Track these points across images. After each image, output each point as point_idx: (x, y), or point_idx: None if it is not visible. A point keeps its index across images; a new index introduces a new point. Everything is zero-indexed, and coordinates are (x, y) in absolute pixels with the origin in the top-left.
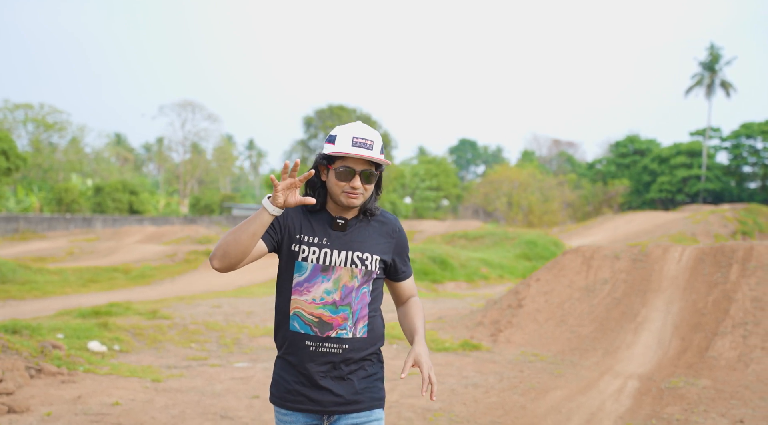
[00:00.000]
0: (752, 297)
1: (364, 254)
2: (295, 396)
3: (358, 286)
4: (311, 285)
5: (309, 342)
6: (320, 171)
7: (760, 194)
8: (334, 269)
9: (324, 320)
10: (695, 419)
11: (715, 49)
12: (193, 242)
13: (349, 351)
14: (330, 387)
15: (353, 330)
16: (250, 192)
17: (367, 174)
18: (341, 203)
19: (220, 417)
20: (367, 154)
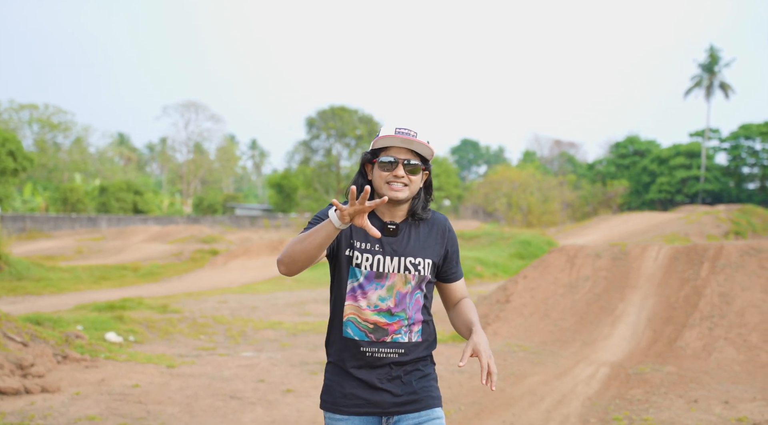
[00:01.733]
0: (720, 292)
1: (416, 260)
2: (351, 399)
3: (412, 292)
4: (365, 292)
5: (364, 347)
6: (366, 171)
7: (758, 194)
8: (387, 276)
9: (379, 326)
10: (655, 399)
11: (714, 51)
12: (198, 241)
13: (405, 355)
14: (388, 388)
15: (408, 335)
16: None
17: (410, 163)
18: (384, 200)
19: (229, 397)
20: (410, 138)
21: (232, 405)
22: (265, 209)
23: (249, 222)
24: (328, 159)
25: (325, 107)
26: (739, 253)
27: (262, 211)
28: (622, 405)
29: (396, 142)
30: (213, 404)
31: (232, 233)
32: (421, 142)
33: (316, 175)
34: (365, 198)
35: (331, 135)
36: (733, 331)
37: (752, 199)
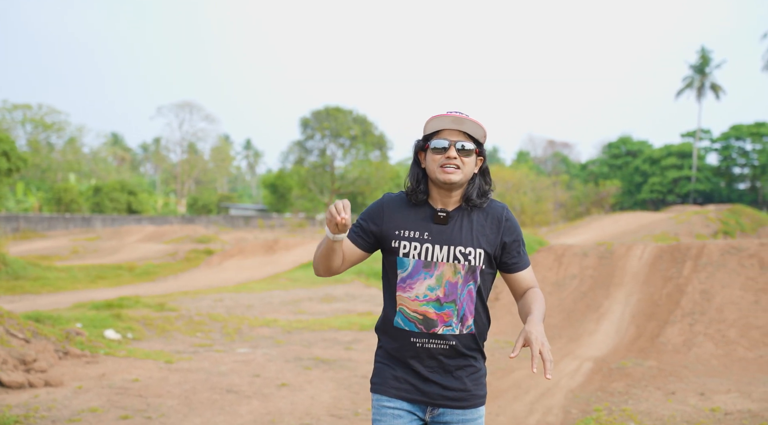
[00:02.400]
0: (701, 290)
1: (466, 249)
2: (402, 383)
3: (463, 282)
4: (414, 282)
5: (414, 338)
6: (419, 159)
7: (748, 194)
8: (436, 265)
9: (429, 317)
10: (634, 392)
11: (705, 53)
12: (193, 241)
13: (456, 348)
14: (439, 380)
15: (460, 327)
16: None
17: (463, 146)
18: (439, 180)
19: (226, 391)
20: (461, 116)
21: (229, 398)
22: (259, 209)
23: (243, 222)
24: (323, 159)
25: (320, 108)
26: (720, 252)
27: (257, 211)
28: (603, 397)
29: (447, 123)
30: (211, 397)
31: (226, 233)
32: (473, 121)
33: (310, 175)
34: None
35: (326, 135)
36: (712, 327)
37: (742, 199)
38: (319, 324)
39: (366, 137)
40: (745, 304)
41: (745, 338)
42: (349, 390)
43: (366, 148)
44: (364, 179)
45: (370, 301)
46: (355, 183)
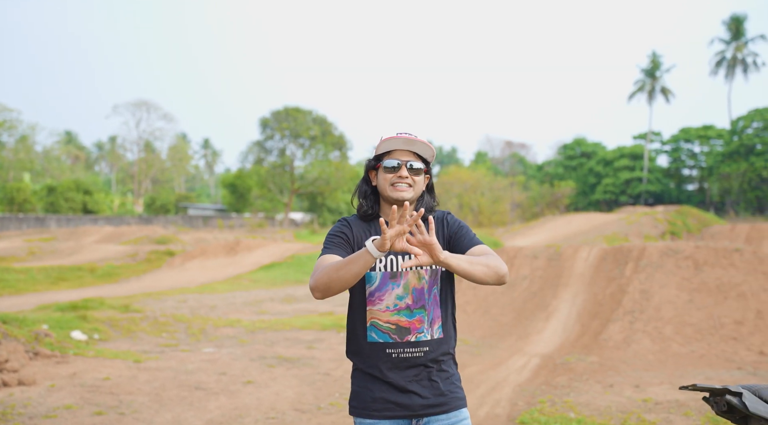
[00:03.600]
0: (641, 290)
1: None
2: (381, 404)
3: (429, 287)
4: (383, 294)
5: (389, 349)
6: (370, 177)
7: (697, 195)
8: (401, 275)
9: (401, 325)
10: (576, 385)
11: (656, 57)
12: (152, 242)
13: (430, 353)
14: (417, 390)
15: (431, 332)
16: (206, 191)
17: (413, 166)
18: (391, 198)
19: (194, 388)
20: (411, 138)
21: (197, 395)
22: (218, 209)
23: (203, 222)
24: (282, 159)
25: (279, 108)
26: (659, 254)
27: (216, 211)
28: (547, 390)
29: (399, 144)
30: (180, 394)
31: (185, 234)
32: (423, 141)
33: (270, 175)
34: (404, 217)
35: (285, 135)
36: (650, 324)
37: (691, 200)
38: (281, 324)
39: (326, 138)
40: (680, 303)
41: (680, 334)
42: (312, 387)
43: (326, 148)
44: (324, 180)
45: (330, 301)
46: (315, 183)
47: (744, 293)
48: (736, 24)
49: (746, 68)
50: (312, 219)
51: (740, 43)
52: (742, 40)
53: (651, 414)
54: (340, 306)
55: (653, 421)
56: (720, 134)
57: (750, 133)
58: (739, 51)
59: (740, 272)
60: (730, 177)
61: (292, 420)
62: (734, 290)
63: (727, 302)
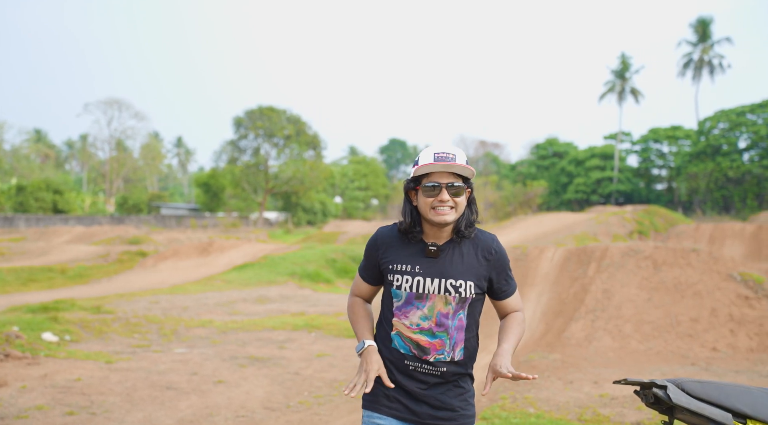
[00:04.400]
0: (603, 289)
1: (457, 282)
2: (393, 402)
3: (454, 312)
4: (408, 311)
5: (408, 361)
6: (410, 198)
7: (665, 195)
8: (428, 297)
9: (421, 345)
10: (538, 382)
11: (625, 59)
12: (124, 242)
13: (447, 374)
14: (428, 401)
15: (451, 355)
16: (179, 191)
17: (454, 186)
18: (433, 221)
19: (166, 388)
20: (450, 163)
21: (168, 395)
22: (191, 209)
23: (176, 222)
24: (257, 159)
25: (253, 107)
26: (621, 254)
27: (189, 210)
28: (509, 386)
29: (437, 168)
30: (151, 394)
31: (158, 234)
32: (461, 165)
33: (244, 174)
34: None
35: (260, 135)
36: (611, 323)
37: (660, 199)
38: (253, 325)
39: (300, 137)
40: (640, 301)
41: (639, 332)
42: (282, 386)
43: (300, 147)
44: (298, 179)
45: (303, 302)
46: (290, 183)
47: (700, 292)
48: (703, 26)
49: (712, 70)
50: (286, 218)
51: (707, 46)
52: (709, 42)
53: (606, 409)
54: (312, 306)
55: (607, 415)
56: (688, 135)
57: (716, 133)
58: (706, 53)
59: (696, 271)
60: (697, 177)
61: (262, 418)
62: (691, 289)
63: (684, 300)
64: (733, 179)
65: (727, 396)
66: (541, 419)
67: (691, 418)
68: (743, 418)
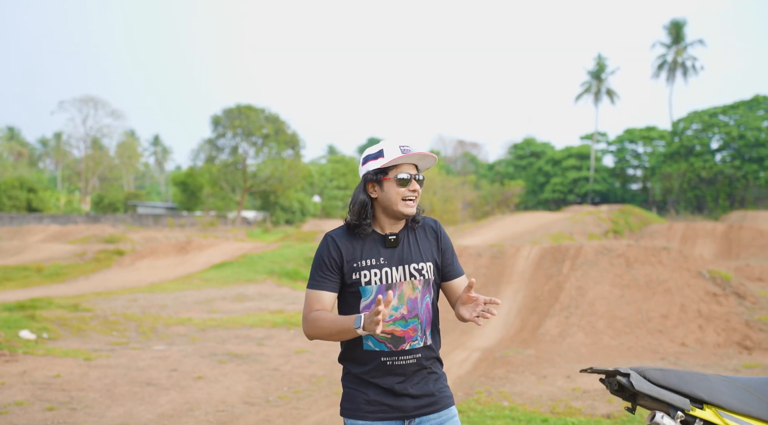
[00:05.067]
0: (577, 286)
1: (419, 265)
2: (375, 406)
3: (422, 296)
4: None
5: (384, 357)
6: (368, 189)
7: (640, 194)
8: (396, 286)
9: (396, 335)
10: (512, 377)
11: (601, 60)
12: (100, 241)
13: (422, 359)
14: (409, 392)
15: (424, 339)
16: (156, 189)
17: (419, 179)
18: (401, 212)
19: (146, 384)
20: (418, 152)
21: (148, 391)
22: (169, 208)
23: (153, 221)
24: (235, 157)
25: (231, 106)
26: (595, 252)
27: (166, 209)
28: (485, 381)
29: (410, 159)
30: (131, 390)
31: (135, 233)
32: (431, 155)
33: (222, 173)
34: (389, 303)
35: (238, 133)
36: (584, 319)
37: (635, 199)
38: (232, 322)
39: (278, 136)
40: (612, 298)
41: (611, 328)
42: (261, 381)
43: (278, 146)
44: (276, 178)
45: (281, 300)
46: (268, 182)
47: (670, 288)
48: (676, 29)
49: (686, 72)
50: (265, 218)
51: (680, 48)
52: (682, 44)
53: (578, 402)
54: (291, 304)
55: (579, 408)
56: (662, 135)
57: (689, 134)
58: (679, 55)
59: (667, 269)
60: (671, 177)
61: (241, 412)
62: (661, 286)
63: (655, 297)
64: (706, 179)
65: (685, 383)
66: (514, 412)
67: (652, 404)
68: (700, 403)
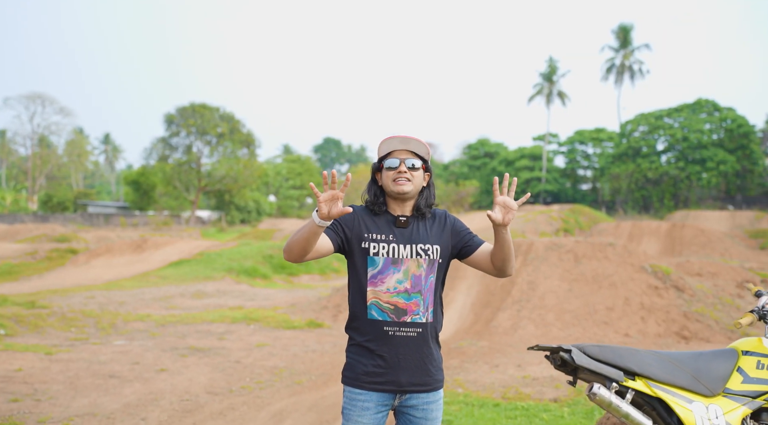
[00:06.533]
0: (528, 281)
1: (426, 246)
2: (372, 377)
3: (426, 275)
4: (384, 277)
5: (387, 327)
6: (376, 178)
7: (590, 194)
8: (402, 262)
9: (399, 307)
10: (467, 366)
11: (553, 62)
12: (51, 240)
13: (422, 335)
14: (407, 368)
15: (426, 315)
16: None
17: (412, 164)
18: (393, 191)
19: (109, 376)
20: (407, 136)
21: (112, 383)
22: (120, 207)
23: (104, 220)
24: (189, 156)
25: (185, 104)
26: (545, 248)
27: (118, 209)
28: None
29: (396, 144)
30: (94, 382)
31: (86, 232)
32: (417, 140)
33: (175, 172)
34: (335, 182)
35: (192, 132)
36: (535, 312)
37: (585, 199)
38: (192, 318)
39: (234, 135)
40: (561, 292)
41: (560, 320)
42: (224, 373)
43: (234, 146)
44: (232, 177)
45: (240, 296)
46: (223, 181)
47: (615, 282)
48: (624, 33)
49: (633, 75)
50: (220, 217)
51: (628, 52)
52: (629, 48)
53: (528, 388)
54: (250, 301)
55: (528, 393)
56: (611, 137)
57: (637, 136)
58: (627, 59)
59: (612, 264)
60: (619, 177)
61: (206, 401)
62: (607, 280)
63: (601, 290)
64: (652, 179)
65: (620, 357)
66: (468, 398)
67: (591, 376)
68: (632, 375)
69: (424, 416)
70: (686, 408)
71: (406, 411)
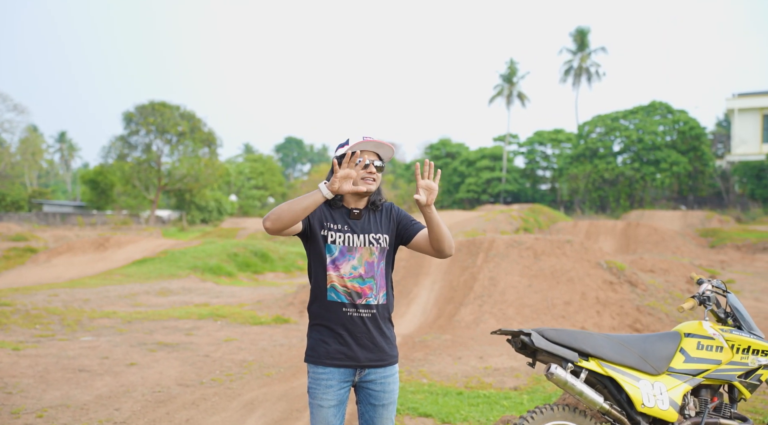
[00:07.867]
0: (489, 277)
1: (377, 235)
2: (333, 355)
3: (378, 261)
4: (341, 263)
5: (345, 308)
6: (336, 170)
7: (549, 194)
8: (356, 250)
9: (355, 290)
10: (431, 358)
11: (513, 64)
12: (7, 239)
13: (376, 315)
14: (364, 345)
15: (378, 298)
16: (62, 188)
17: (379, 165)
18: (360, 190)
19: (78, 371)
20: (382, 142)
21: (82, 376)
22: (77, 206)
23: (60, 220)
24: (148, 155)
25: (145, 102)
26: (506, 245)
27: (75, 208)
28: (406, 363)
29: (367, 145)
30: (64, 376)
31: (43, 231)
32: (389, 146)
33: (135, 171)
34: (354, 162)
35: (152, 131)
36: (496, 307)
37: (544, 199)
38: (158, 315)
39: (194, 134)
40: (521, 287)
41: (520, 315)
42: (194, 366)
43: (194, 145)
44: (192, 176)
45: (206, 294)
46: (184, 180)
47: (572, 278)
48: (581, 36)
49: (590, 77)
50: (180, 217)
51: (585, 54)
52: (587, 51)
53: (489, 378)
54: (216, 298)
55: (490, 383)
56: (569, 138)
57: (594, 137)
58: (584, 61)
59: (570, 260)
60: (577, 178)
61: (178, 393)
62: (565, 276)
63: (559, 286)
64: (609, 180)
65: (575, 340)
66: (433, 387)
67: (548, 358)
68: (586, 356)
69: (382, 389)
70: (634, 385)
71: (365, 386)
